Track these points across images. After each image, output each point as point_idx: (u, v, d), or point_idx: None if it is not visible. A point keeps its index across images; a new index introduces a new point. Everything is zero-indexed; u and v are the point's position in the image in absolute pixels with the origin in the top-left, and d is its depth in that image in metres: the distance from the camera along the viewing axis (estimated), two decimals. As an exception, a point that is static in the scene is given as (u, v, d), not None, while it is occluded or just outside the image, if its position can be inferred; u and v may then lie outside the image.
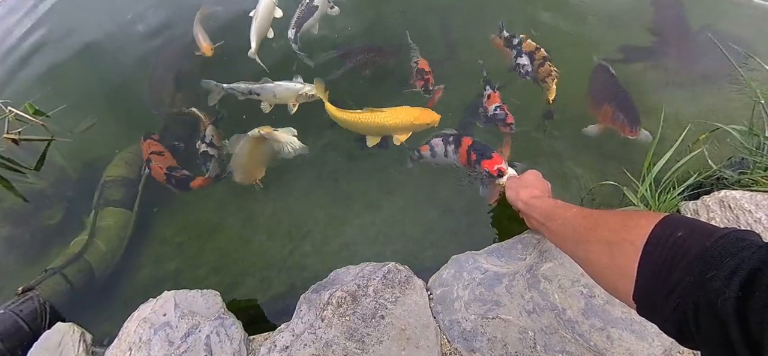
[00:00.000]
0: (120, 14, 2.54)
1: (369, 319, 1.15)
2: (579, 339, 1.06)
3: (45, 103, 2.05)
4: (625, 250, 0.62)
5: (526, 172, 1.28)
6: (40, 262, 1.65)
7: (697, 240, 0.53)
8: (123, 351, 1.21)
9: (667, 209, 1.30)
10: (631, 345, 1.04)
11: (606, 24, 2.05)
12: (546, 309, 1.12)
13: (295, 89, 1.86)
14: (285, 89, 1.87)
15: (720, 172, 1.38)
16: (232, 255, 1.64)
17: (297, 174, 1.78)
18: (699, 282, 0.50)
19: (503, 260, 1.24)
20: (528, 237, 1.27)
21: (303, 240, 1.60)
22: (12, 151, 1.99)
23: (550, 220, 0.95)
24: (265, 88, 1.88)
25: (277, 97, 1.88)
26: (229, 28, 2.28)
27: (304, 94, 1.85)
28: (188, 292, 1.30)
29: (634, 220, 0.64)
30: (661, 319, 0.55)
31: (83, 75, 2.36)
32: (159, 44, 2.34)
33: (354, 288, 1.20)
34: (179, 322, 1.22)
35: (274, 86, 1.87)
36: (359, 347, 1.11)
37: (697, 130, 1.46)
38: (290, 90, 1.86)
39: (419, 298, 1.20)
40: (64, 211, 1.83)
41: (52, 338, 1.31)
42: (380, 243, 1.55)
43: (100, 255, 1.61)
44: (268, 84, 1.88)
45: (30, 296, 1.46)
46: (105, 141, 2.01)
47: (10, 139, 1.95)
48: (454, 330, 1.13)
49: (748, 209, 1.18)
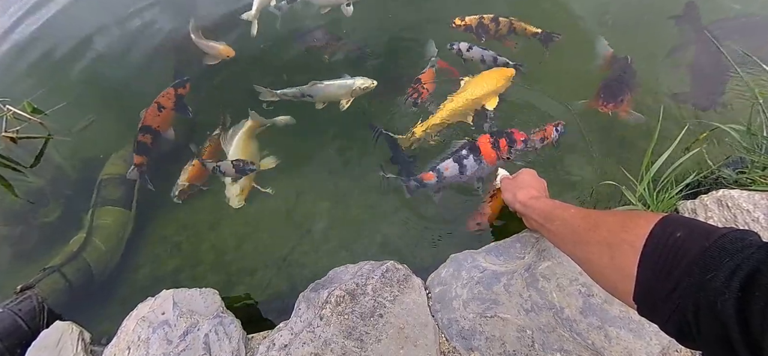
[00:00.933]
0: (119, 11, 2.53)
1: (367, 318, 1.15)
2: (577, 337, 1.07)
3: (43, 102, 2.05)
4: (625, 251, 0.62)
5: (520, 171, 1.28)
6: (38, 261, 1.65)
7: (696, 240, 0.54)
8: (121, 350, 1.21)
9: (665, 208, 1.30)
10: (629, 344, 1.04)
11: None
12: (544, 307, 1.12)
13: (348, 86, 1.85)
14: (338, 87, 1.85)
15: (718, 172, 1.39)
16: (230, 254, 1.63)
17: (296, 173, 1.78)
18: (699, 283, 0.50)
19: (502, 259, 1.24)
20: (526, 236, 1.27)
21: (301, 239, 1.60)
22: (10, 150, 1.98)
23: (548, 221, 0.96)
24: (315, 89, 1.87)
25: (330, 95, 1.86)
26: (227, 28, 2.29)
27: (358, 88, 1.84)
28: (187, 291, 1.30)
29: (633, 221, 0.65)
30: (661, 320, 0.55)
31: (82, 73, 2.35)
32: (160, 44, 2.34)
33: (353, 287, 1.20)
34: (178, 321, 1.22)
35: (325, 86, 1.86)
36: (358, 345, 1.11)
37: (695, 129, 1.46)
38: (344, 87, 1.85)
39: (418, 297, 1.20)
40: (62, 209, 1.82)
41: (51, 336, 1.31)
42: (378, 241, 1.55)
43: (98, 254, 1.60)
44: (318, 85, 1.86)
45: (28, 295, 1.45)
46: (103, 139, 2.01)
47: (8, 137, 1.95)
48: (452, 329, 1.13)
49: (746, 208, 1.18)
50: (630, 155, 1.59)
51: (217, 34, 2.23)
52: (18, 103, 1.98)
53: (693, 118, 1.64)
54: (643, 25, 2.14)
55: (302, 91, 1.88)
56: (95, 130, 2.05)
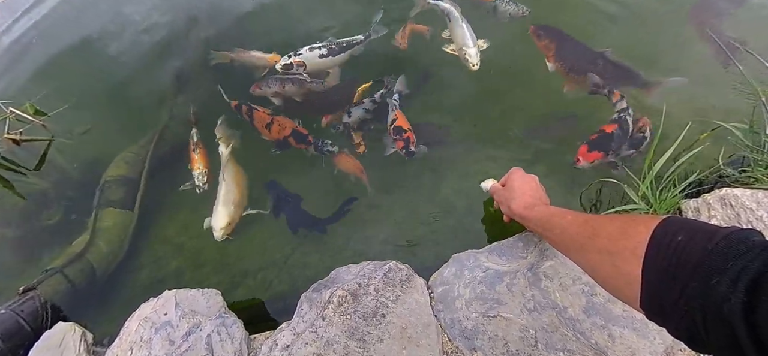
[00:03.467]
0: (123, 13, 2.54)
1: (370, 318, 1.15)
2: (580, 337, 1.06)
3: (46, 104, 2.05)
4: (627, 259, 0.61)
5: (509, 175, 1.22)
6: (41, 262, 1.65)
7: (698, 243, 0.53)
8: (124, 351, 1.21)
9: (668, 207, 1.30)
10: (633, 343, 1.04)
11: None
12: (547, 307, 1.12)
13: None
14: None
15: (721, 170, 1.38)
16: (232, 255, 1.63)
17: (298, 173, 1.78)
18: (704, 289, 0.49)
19: (504, 258, 1.24)
20: (529, 236, 1.27)
21: (304, 239, 1.60)
22: (13, 152, 1.99)
23: (547, 231, 0.95)
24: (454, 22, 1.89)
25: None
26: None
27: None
28: (189, 291, 1.30)
29: (633, 227, 0.64)
30: (671, 326, 0.55)
31: (85, 74, 2.36)
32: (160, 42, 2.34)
33: (355, 287, 1.20)
34: (180, 321, 1.22)
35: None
36: (360, 346, 1.11)
37: (698, 127, 1.46)
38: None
39: (420, 297, 1.20)
40: (64, 211, 1.82)
41: (53, 337, 1.32)
42: (381, 241, 1.55)
43: (101, 255, 1.61)
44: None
45: (31, 296, 1.46)
46: (106, 141, 2.01)
47: (10, 139, 1.95)
48: (455, 329, 1.13)
49: (750, 207, 1.18)
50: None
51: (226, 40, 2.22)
52: (20, 105, 1.99)
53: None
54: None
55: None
56: (98, 133, 2.06)
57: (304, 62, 1.86)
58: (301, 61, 1.86)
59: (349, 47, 1.94)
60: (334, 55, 1.90)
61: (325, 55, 1.88)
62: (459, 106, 1.86)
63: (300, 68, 1.85)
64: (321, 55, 1.88)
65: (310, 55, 1.88)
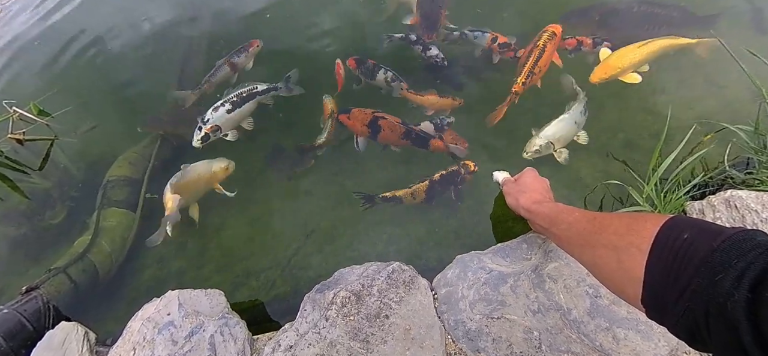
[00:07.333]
0: (129, 13, 2.55)
1: (373, 319, 1.15)
2: (584, 339, 1.06)
3: (49, 103, 2.06)
4: (632, 254, 0.61)
5: (522, 173, 1.26)
6: (44, 262, 1.65)
7: (703, 241, 0.53)
8: (127, 351, 1.21)
9: (672, 209, 1.29)
10: (637, 345, 1.04)
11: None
12: (551, 308, 1.11)
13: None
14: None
15: (726, 172, 1.38)
16: (235, 255, 1.63)
17: (301, 174, 1.78)
18: (707, 286, 0.49)
19: (508, 260, 1.23)
20: (533, 237, 1.26)
21: (307, 240, 1.60)
22: (17, 152, 1.99)
23: (554, 226, 0.95)
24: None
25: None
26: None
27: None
28: (192, 292, 1.30)
29: (640, 224, 0.64)
30: (671, 323, 0.54)
31: (89, 74, 2.36)
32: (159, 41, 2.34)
33: (358, 288, 1.20)
34: (183, 322, 1.22)
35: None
36: (364, 347, 1.11)
37: (702, 129, 1.45)
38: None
39: (424, 298, 1.20)
40: (67, 211, 1.83)
41: (56, 337, 1.31)
42: (384, 242, 1.55)
43: (104, 255, 1.61)
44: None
45: (34, 295, 1.45)
46: (109, 141, 2.02)
47: (14, 139, 1.96)
48: (458, 330, 1.13)
49: (755, 209, 1.17)
50: (635, 155, 1.58)
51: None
52: (24, 105, 1.99)
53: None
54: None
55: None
56: (101, 133, 2.06)
57: (217, 125, 1.81)
58: (214, 126, 1.80)
59: (250, 96, 1.88)
60: (241, 107, 1.85)
61: (231, 110, 1.83)
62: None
63: (216, 132, 1.80)
64: (228, 110, 1.82)
65: (218, 115, 1.81)
